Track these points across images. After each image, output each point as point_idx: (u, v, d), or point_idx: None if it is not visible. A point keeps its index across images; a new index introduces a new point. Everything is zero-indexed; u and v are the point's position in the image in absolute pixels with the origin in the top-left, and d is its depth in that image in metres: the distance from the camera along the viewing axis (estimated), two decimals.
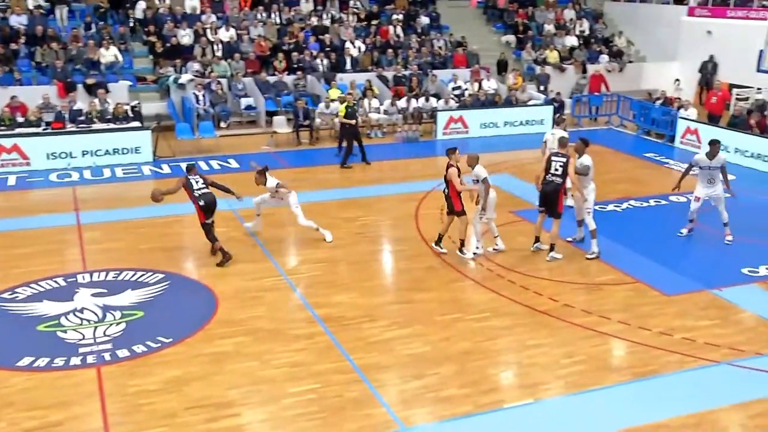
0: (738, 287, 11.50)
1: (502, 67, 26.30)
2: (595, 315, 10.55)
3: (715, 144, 13.01)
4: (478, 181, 12.41)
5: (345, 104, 18.90)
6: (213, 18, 25.11)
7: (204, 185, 12.45)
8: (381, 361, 9.31)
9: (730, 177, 13.36)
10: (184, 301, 11.06)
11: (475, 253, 12.67)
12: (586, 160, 12.58)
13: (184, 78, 22.22)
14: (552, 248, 12.54)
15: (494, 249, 12.76)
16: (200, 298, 11.08)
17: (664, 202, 15.83)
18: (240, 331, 10.04)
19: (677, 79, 25.00)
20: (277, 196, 13.44)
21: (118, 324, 10.18)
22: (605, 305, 10.89)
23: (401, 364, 9.26)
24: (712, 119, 21.65)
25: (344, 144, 19.18)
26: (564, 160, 12.22)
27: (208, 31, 24.41)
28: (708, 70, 26.57)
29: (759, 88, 23.00)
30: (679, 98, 22.61)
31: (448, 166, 12.12)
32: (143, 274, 11.84)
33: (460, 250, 12.54)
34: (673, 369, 9.16)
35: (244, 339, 9.82)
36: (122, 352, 9.42)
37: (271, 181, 13.31)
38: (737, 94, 23.71)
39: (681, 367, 9.23)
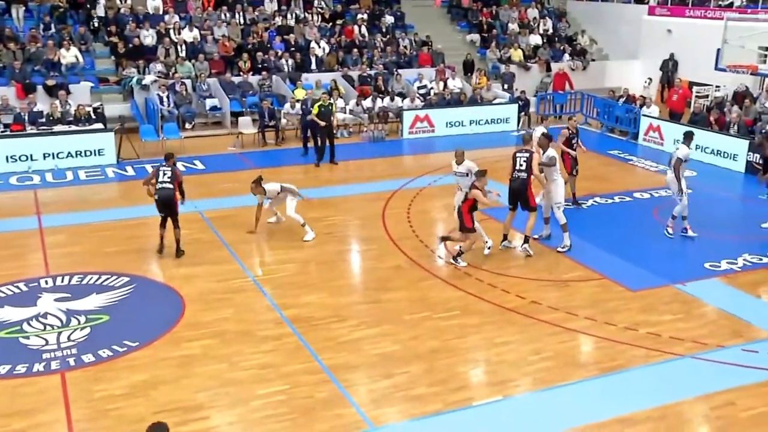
0: (700, 281, 11.68)
1: (468, 68, 26.38)
2: (562, 311, 10.64)
3: (692, 135, 13.49)
4: (468, 174, 12.57)
5: (319, 103, 18.88)
6: (176, 18, 24.85)
7: (169, 180, 12.30)
8: (350, 361, 9.31)
9: (691, 173, 13.58)
10: (150, 304, 10.93)
11: (490, 247, 12.77)
12: (551, 152, 12.86)
13: (148, 79, 21.97)
14: (526, 240, 12.68)
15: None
16: (166, 301, 10.97)
17: (628, 198, 16.02)
18: (207, 333, 9.95)
19: (649, 78, 25.26)
20: (280, 198, 13.57)
21: (82, 329, 10.03)
22: (572, 301, 10.99)
23: (370, 363, 9.26)
24: (674, 116, 21.97)
25: (310, 144, 19.17)
26: (527, 155, 12.42)
27: (171, 31, 24.16)
28: (669, 68, 26.96)
29: (718, 86, 23.40)
30: (644, 96, 22.91)
31: (473, 187, 12.02)
32: (108, 278, 11.68)
33: (455, 259, 12.36)
34: (638, 363, 9.28)
35: (211, 341, 9.74)
36: (87, 357, 9.28)
37: (273, 186, 13.39)
38: (697, 92, 24.09)
39: (646, 361, 9.35)
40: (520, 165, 12.40)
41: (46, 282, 11.56)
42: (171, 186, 12.27)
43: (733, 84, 22.54)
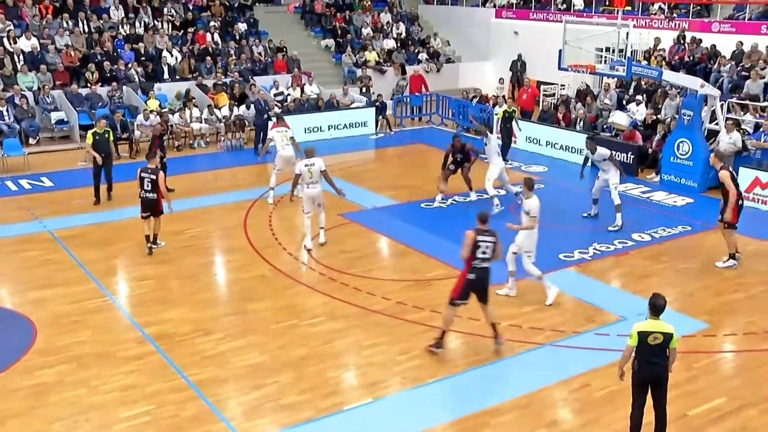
0: (555, 272, 12.18)
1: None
2: (427, 310, 10.83)
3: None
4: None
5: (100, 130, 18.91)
6: (10, 26, 23.33)
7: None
8: (218, 374, 9.09)
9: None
10: None
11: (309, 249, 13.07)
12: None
13: None
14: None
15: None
16: (14, 329, 10.31)
17: (485, 196, 16.48)
18: (62, 358, 9.44)
19: (501, 79, 26.23)
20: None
21: None
22: (436, 300, 11.15)
23: (239, 375, 9.08)
24: (525, 115, 22.85)
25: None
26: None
27: (6, 40, 22.69)
28: (518, 69, 28.15)
29: (563, 85, 24.61)
30: (496, 95, 23.73)
31: (721, 168, 11.11)
32: None
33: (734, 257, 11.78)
34: (502, 355, 9.59)
35: (67, 366, 9.24)
36: None
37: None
38: (545, 91, 25.20)
39: (510, 352, 9.68)
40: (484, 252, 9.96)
41: None
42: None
43: (576, 83, 23.75)
